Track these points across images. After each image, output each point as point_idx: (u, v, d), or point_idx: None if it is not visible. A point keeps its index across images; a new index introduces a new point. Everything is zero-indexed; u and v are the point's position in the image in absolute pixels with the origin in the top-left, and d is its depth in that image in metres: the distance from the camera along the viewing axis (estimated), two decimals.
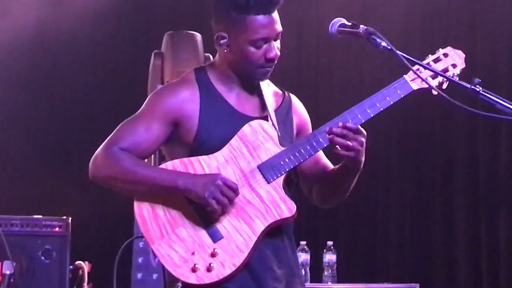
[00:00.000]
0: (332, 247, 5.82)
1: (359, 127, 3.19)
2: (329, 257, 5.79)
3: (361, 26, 3.20)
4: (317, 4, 6.36)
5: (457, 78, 3.26)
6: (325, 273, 5.77)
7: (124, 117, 3.30)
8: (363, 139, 3.18)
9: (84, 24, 7.50)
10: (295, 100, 3.47)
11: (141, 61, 5.72)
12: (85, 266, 5.72)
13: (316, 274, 5.80)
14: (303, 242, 5.73)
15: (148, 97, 3.38)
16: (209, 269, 3.13)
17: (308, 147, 3.24)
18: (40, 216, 5.66)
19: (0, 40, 7.31)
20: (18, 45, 7.39)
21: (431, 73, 3.26)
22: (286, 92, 3.45)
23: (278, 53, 3.27)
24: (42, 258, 5.57)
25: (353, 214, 6.69)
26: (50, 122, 7.51)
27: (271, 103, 3.35)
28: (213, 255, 3.15)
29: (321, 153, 3.40)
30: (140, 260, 5.54)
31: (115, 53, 7.41)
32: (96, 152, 3.25)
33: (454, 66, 3.32)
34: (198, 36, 5.71)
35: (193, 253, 3.16)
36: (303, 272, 5.61)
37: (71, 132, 7.33)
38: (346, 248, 6.27)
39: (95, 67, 7.53)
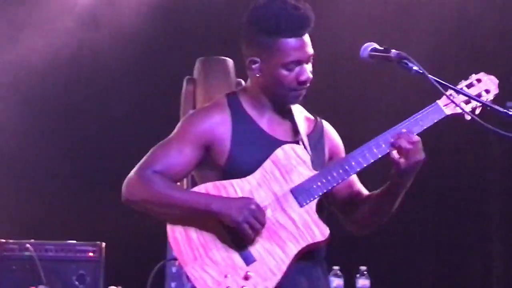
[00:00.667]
0: (365, 272, 5.81)
1: (411, 141, 3.15)
2: (363, 282, 5.78)
3: (393, 50, 3.20)
4: (351, 27, 6.37)
5: (490, 102, 3.24)
6: None
7: (156, 142, 3.33)
8: (420, 159, 3.17)
9: (117, 49, 7.54)
10: (327, 126, 3.48)
11: (173, 87, 5.76)
12: None
13: None
14: (336, 267, 5.71)
15: (181, 120, 3.41)
16: None
17: (341, 171, 3.24)
18: (74, 241, 5.69)
19: (37, 62, 7.40)
20: (53, 67, 7.47)
21: (465, 98, 3.25)
22: (318, 118, 3.46)
23: (311, 76, 3.27)
24: (76, 283, 5.59)
25: (387, 238, 6.65)
26: (83, 146, 7.56)
27: (303, 128, 3.36)
28: (246, 278, 3.16)
29: (355, 179, 3.41)
30: (173, 285, 5.54)
31: (148, 79, 7.44)
32: (129, 175, 3.27)
33: (487, 91, 3.31)
34: (230, 61, 5.74)
35: (226, 276, 3.17)
36: None
37: (103, 156, 7.36)
38: (380, 273, 6.23)
39: (128, 93, 7.56)
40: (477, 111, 3.24)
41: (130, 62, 7.57)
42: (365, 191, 3.43)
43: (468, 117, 3.21)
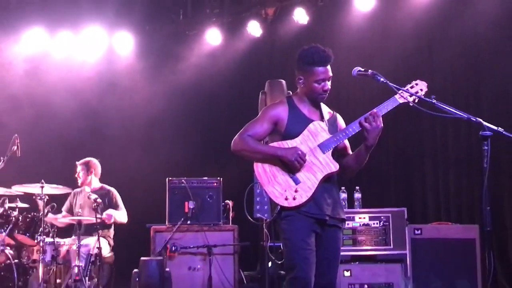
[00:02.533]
0: (358, 189, 5.79)
1: (376, 115, 3.16)
2: (357, 195, 5.75)
3: (370, 70, 3.22)
4: (347, 58, 6.32)
5: (423, 96, 3.24)
6: (355, 203, 5.74)
7: (246, 123, 3.39)
8: (380, 125, 3.17)
9: (224, 76, 7.56)
10: (338, 115, 3.48)
11: (255, 96, 5.81)
12: (230, 203, 5.82)
13: (350, 204, 5.77)
14: (343, 187, 5.72)
15: (261, 110, 3.45)
16: (294, 198, 3.18)
17: (344, 134, 3.26)
18: (206, 178, 5.75)
19: (185, 85, 7.49)
20: (192, 89, 7.54)
21: (408, 94, 3.23)
22: (334, 112, 3.47)
23: (329, 87, 3.30)
24: (208, 199, 5.65)
25: (368, 172, 6.61)
26: (206, 127, 7.61)
27: (326, 115, 3.38)
28: (296, 191, 3.19)
29: (347, 144, 3.39)
30: (258, 199, 5.62)
31: (241, 92, 7.47)
32: (234, 137, 3.35)
33: (421, 89, 3.29)
34: (283, 82, 5.75)
35: (285, 190, 3.20)
36: (343, 203, 5.61)
37: (217, 131, 7.37)
38: (367, 189, 6.15)
39: (230, 100, 7.62)
40: (416, 100, 3.23)
41: (232, 83, 7.59)
42: (350, 151, 3.41)
43: (411, 104, 3.20)
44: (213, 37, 7.62)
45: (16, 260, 5.11)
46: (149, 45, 7.67)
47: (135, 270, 5.05)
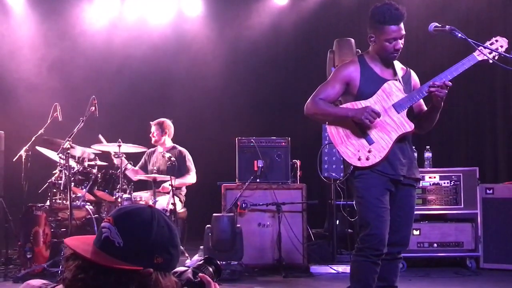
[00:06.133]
0: (429, 148, 5.66)
1: (445, 84, 3.08)
2: (427, 154, 5.63)
3: (447, 26, 3.08)
4: (419, 15, 6.10)
5: (503, 52, 3.10)
6: (426, 162, 5.62)
7: (316, 86, 3.33)
8: (446, 91, 3.09)
9: (291, 37, 7.52)
10: (412, 72, 3.38)
11: (323, 55, 5.71)
12: (297, 162, 5.81)
13: (420, 164, 5.64)
14: (413, 146, 5.59)
15: (333, 71, 3.38)
16: (367, 158, 3.15)
17: (418, 95, 3.18)
18: (274, 137, 5.73)
19: (250, 42, 7.44)
20: (253, 43, 7.48)
21: (489, 50, 3.09)
22: (407, 68, 3.37)
23: (402, 46, 3.19)
24: (276, 158, 5.64)
25: (438, 131, 6.45)
26: (279, 86, 7.52)
27: (399, 72, 3.28)
28: (369, 151, 3.15)
29: (422, 102, 3.31)
30: (326, 158, 5.60)
31: (309, 51, 7.36)
32: (307, 101, 3.30)
33: (502, 46, 3.14)
34: (352, 40, 5.62)
35: (358, 151, 3.17)
36: None
37: (290, 92, 7.27)
38: (437, 148, 6.03)
39: (299, 60, 7.51)
40: (496, 57, 3.10)
41: (299, 41, 7.52)
42: (425, 108, 3.33)
43: (490, 61, 3.09)
44: None
45: (96, 215, 5.32)
46: (216, 6, 7.64)
47: (208, 225, 5.16)
